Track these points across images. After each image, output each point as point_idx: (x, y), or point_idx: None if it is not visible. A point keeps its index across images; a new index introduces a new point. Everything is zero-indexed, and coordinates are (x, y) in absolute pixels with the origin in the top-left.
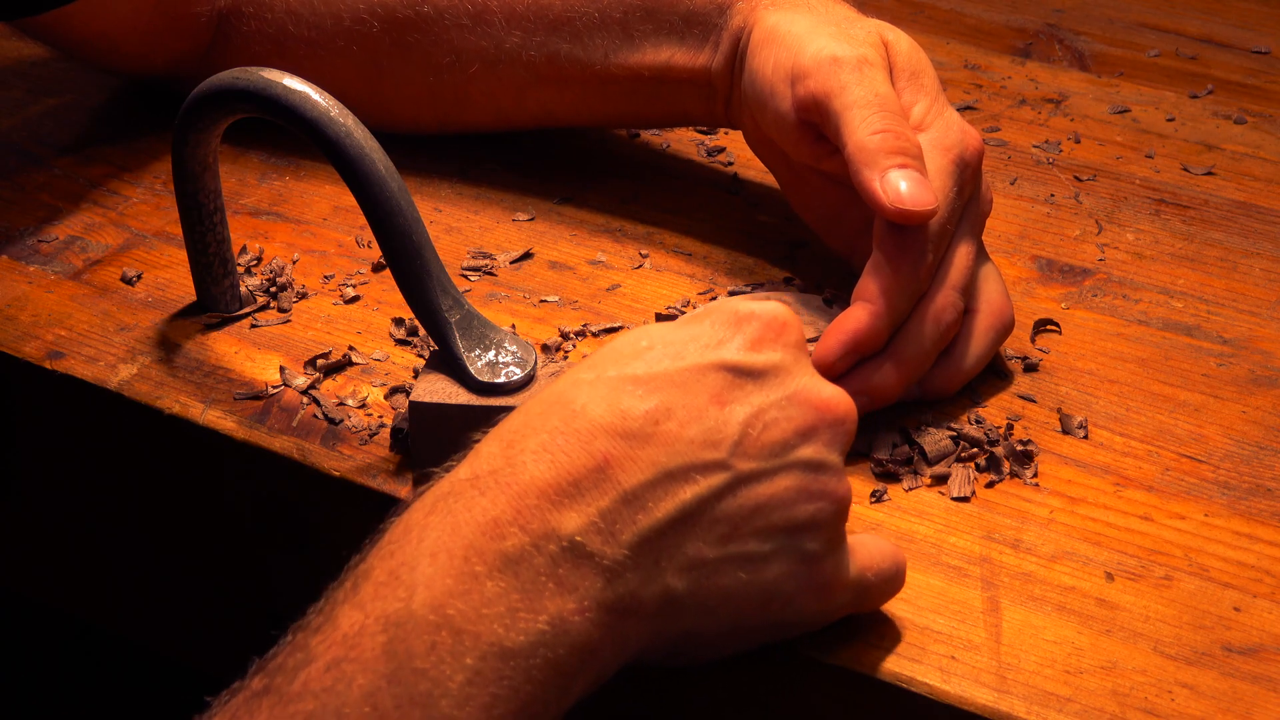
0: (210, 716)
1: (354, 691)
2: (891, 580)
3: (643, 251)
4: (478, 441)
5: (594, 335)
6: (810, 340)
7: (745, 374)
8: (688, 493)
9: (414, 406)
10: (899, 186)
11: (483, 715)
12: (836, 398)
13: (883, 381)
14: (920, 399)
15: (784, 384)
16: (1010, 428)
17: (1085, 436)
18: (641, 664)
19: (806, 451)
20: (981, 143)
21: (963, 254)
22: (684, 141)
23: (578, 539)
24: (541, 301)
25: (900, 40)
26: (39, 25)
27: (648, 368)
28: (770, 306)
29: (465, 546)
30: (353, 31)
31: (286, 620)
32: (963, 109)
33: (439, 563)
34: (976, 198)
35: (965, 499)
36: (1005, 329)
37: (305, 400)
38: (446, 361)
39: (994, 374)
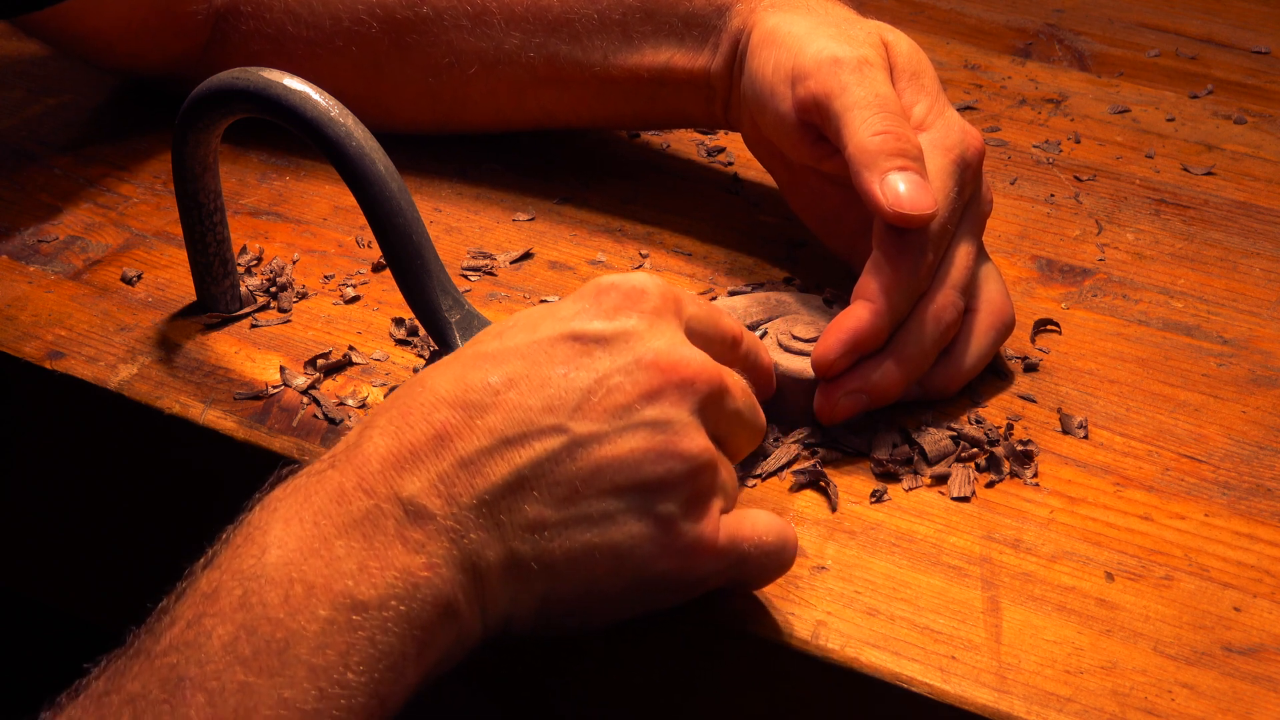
0: (89, 679)
1: (214, 642)
2: (774, 554)
3: (643, 251)
4: None
5: None
6: (810, 340)
7: (594, 341)
8: (522, 456)
9: None
10: (898, 189)
11: (340, 662)
12: (687, 359)
13: (883, 380)
14: (920, 398)
15: (632, 349)
16: (1010, 428)
17: (1085, 436)
18: (520, 635)
19: (651, 412)
20: (982, 143)
21: (963, 253)
22: (684, 141)
23: (419, 500)
24: (541, 301)
25: (900, 41)
26: (35, 22)
27: (501, 344)
28: (634, 277)
29: (315, 512)
30: (352, 32)
31: None
32: (963, 109)
33: (291, 527)
34: (977, 198)
35: (965, 499)
36: (1006, 328)
37: (305, 400)
38: None
39: (994, 374)
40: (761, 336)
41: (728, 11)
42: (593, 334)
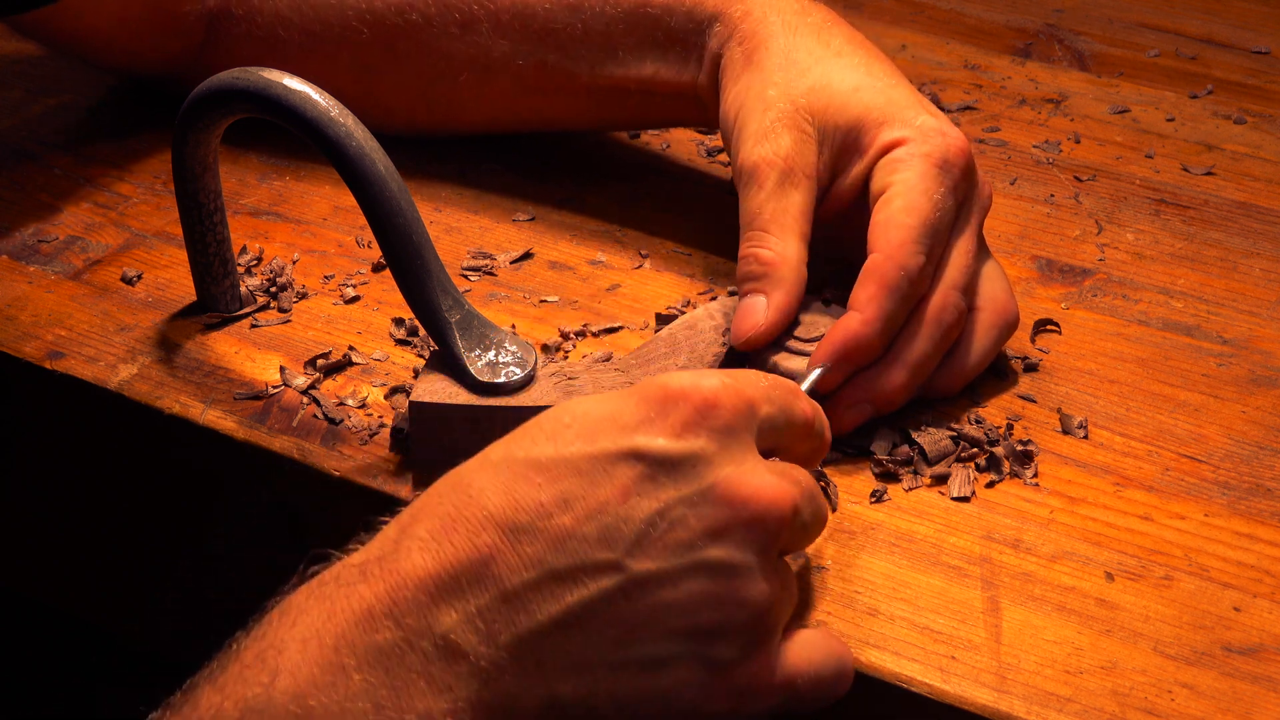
0: None
1: None
2: (829, 686)
3: (643, 251)
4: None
5: (594, 335)
6: (810, 340)
7: (659, 464)
8: (573, 595)
9: (414, 406)
10: (736, 312)
11: None
12: (757, 492)
13: (886, 387)
14: (922, 398)
15: (700, 477)
16: (1010, 428)
17: (1085, 436)
18: None
19: (715, 553)
20: (965, 142)
21: (961, 252)
22: (684, 142)
23: (452, 637)
24: (541, 301)
25: (835, 96)
26: (30, 22)
27: (556, 451)
28: (704, 383)
29: (336, 636)
30: (342, 37)
31: None
32: (963, 109)
33: (308, 650)
34: (972, 196)
35: (965, 499)
36: (1009, 326)
37: (305, 400)
38: (446, 361)
39: (994, 374)
40: None
41: (706, 31)
42: (657, 455)
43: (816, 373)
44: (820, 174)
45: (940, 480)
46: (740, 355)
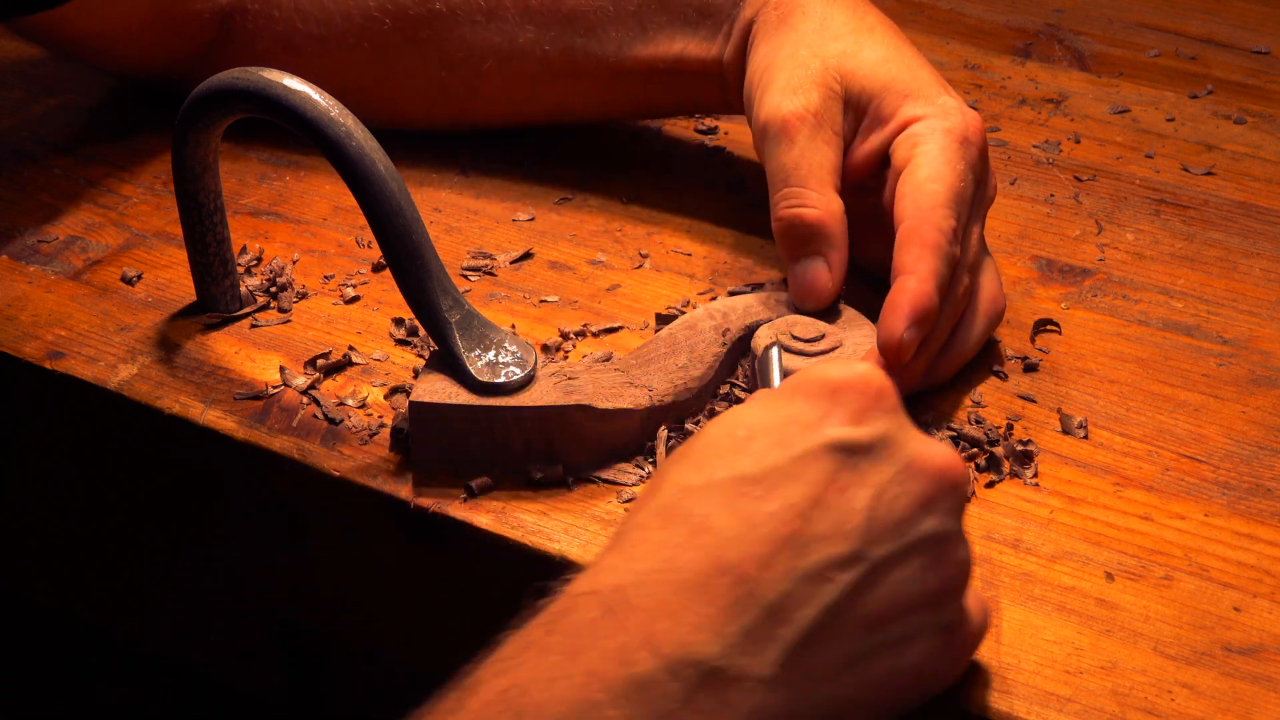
0: None
1: None
2: (984, 623)
3: (643, 251)
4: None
5: (594, 335)
6: (810, 340)
7: (856, 451)
8: (827, 595)
9: (414, 406)
10: (797, 279)
11: None
12: (949, 460)
13: (913, 366)
14: (919, 391)
15: (895, 455)
16: (1010, 428)
17: (1085, 436)
18: None
19: (930, 524)
20: (982, 123)
21: (974, 234)
22: (685, 140)
23: (721, 664)
24: (541, 301)
25: (863, 63)
26: (33, 26)
27: (757, 463)
28: (858, 371)
29: (586, 672)
30: (363, 28)
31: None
32: None
33: (555, 690)
34: (986, 180)
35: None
36: (998, 317)
37: (305, 400)
38: (446, 361)
39: (994, 374)
40: (761, 336)
41: (742, 2)
42: (853, 443)
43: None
44: (845, 136)
45: None
46: (741, 351)
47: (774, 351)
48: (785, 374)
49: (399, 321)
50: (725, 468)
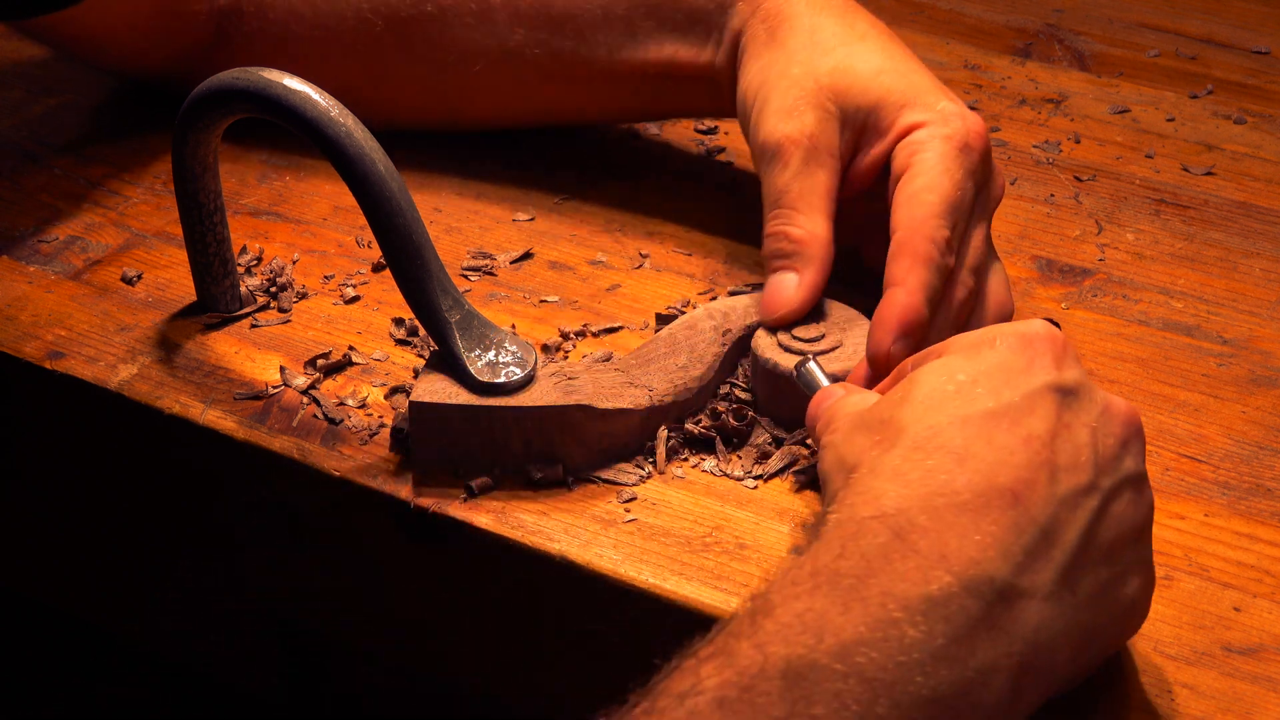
0: None
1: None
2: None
3: (643, 251)
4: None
5: (594, 335)
6: (810, 340)
7: (1068, 393)
8: (1081, 519)
9: (414, 406)
10: (766, 290)
11: None
12: (1132, 409)
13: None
14: None
15: (1094, 399)
16: None
17: None
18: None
19: (1129, 463)
20: (984, 127)
21: (976, 237)
22: (684, 140)
23: (1012, 580)
24: (541, 301)
25: (859, 76)
26: (37, 26)
27: (995, 400)
28: (1041, 325)
29: (881, 593)
30: (356, 30)
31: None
32: None
33: (852, 611)
34: (989, 184)
35: None
36: (1006, 320)
37: (305, 400)
38: (446, 361)
39: None
40: (761, 336)
41: (729, 10)
42: (1066, 386)
43: (818, 373)
44: (842, 154)
45: None
46: (741, 351)
47: (811, 364)
48: (834, 378)
49: (399, 321)
50: (966, 406)
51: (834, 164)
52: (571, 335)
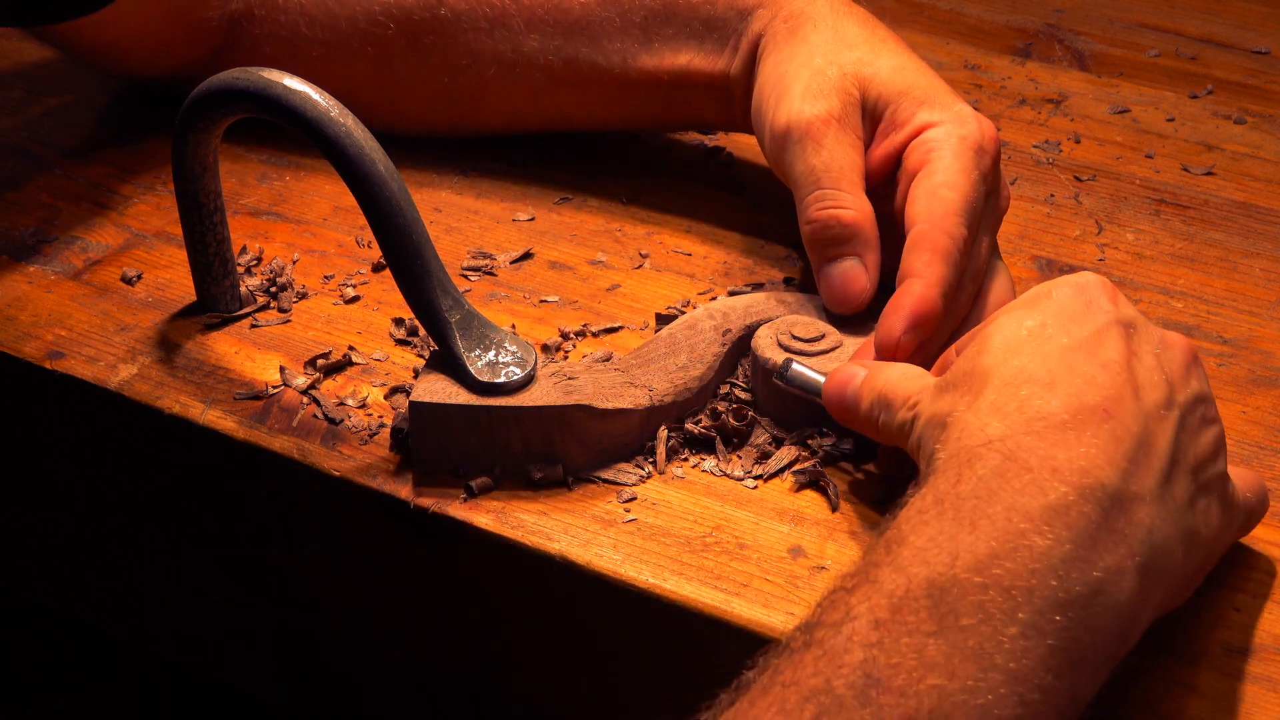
0: (750, 675)
1: (901, 645)
2: (1264, 501)
3: (643, 251)
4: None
5: (594, 335)
6: (810, 340)
7: (1129, 326)
8: (1167, 430)
9: (414, 406)
10: (830, 282)
11: (1040, 666)
12: (1186, 337)
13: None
14: None
15: (1150, 330)
16: None
17: None
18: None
19: (1194, 385)
20: (996, 133)
21: (981, 243)
22: (684, 141)
23: (1121, 485)
24: (541, 301)
25: (880, 69)
26: (51, 32)
27: (1069, 337)
28: (1087, 274)
29: (1005, 508)
30: (368, 33)
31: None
32: None
33: (979, 530)
34: (996, 192)
35: None
36: None
37: (305, 400)
38: (446, 361)
39: None
40: (761, 336)
41: (749, 15)
42: (1126, 319)
43: (813, 374)
44: (864, 140)
45: None
46: (741, 351)
47: (797, 366)
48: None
49: (399, 321)
50: (1043, 345)
51: (861, 146)
52: (571, 335)
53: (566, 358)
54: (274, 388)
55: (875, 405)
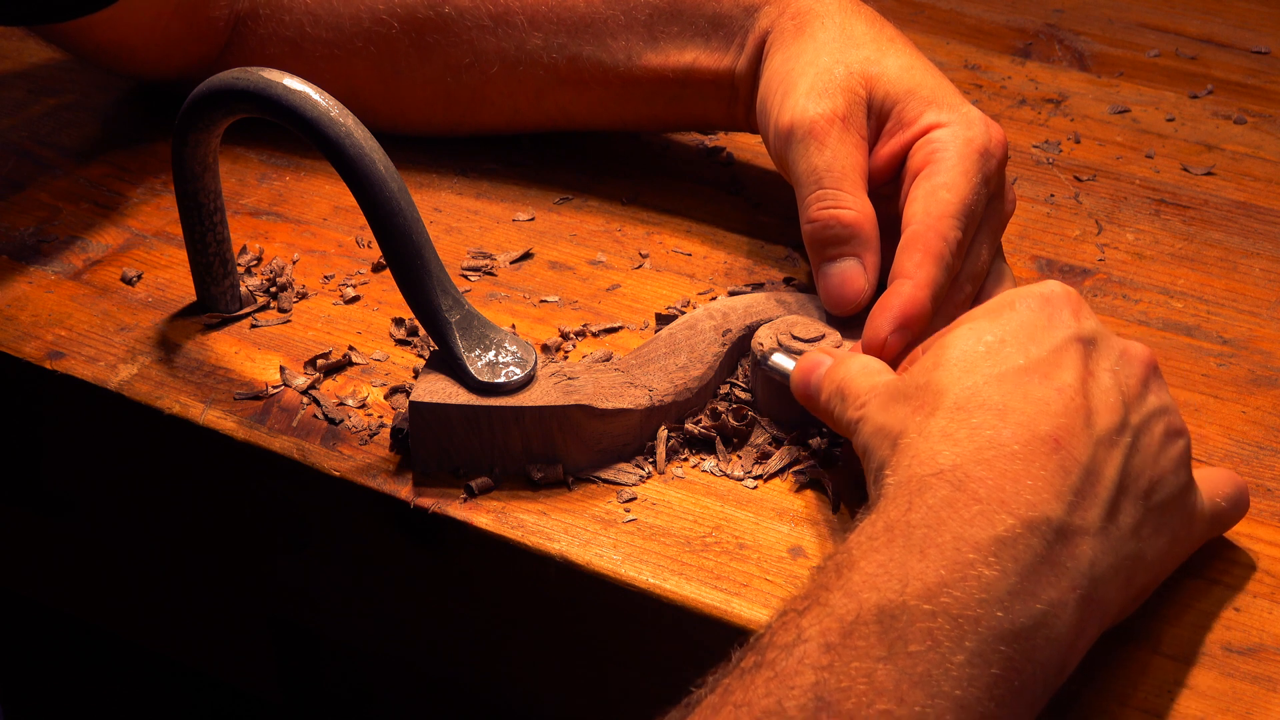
0: (702, 694)
1: (851, 669)
2: (1239, 503)
3: (643, 251)
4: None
5: (594, 335)
6: (810, 340)
7: (1088, 342)
8: (1117, 457)
9: (414, 406)
10: (829, 281)
11: (985, 694)
12: (1147, 349)
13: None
14: None
15: (1112, 344)
16: None
17: None
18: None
19: (1154, 398)
20: (1004, 136)
21: (981, 246)
22: (684, 140)
23: (1067, 519)
24: (541, 301)
25: (888, 68)
26: (58, 32)
27: (1025, 357)
28: (1052, 285)
29: (954, 538)
30: (372, 32)
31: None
32: None
33: (929, 558)
34: (1000, 195)
35: None
36: None
37: (305, 400)
38: (446, 361)
39: None
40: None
41: (756, 12)
42: (1086, 336)
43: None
44: (869, 140)
45: None
46: (741, 351)
47: (776, 356)
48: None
49: (399, 321)
50: (998, 364)
51: (866, 147)
52: (571, 335)
53: (566, 358)
54: (274, 388)
55: (833, 397)
